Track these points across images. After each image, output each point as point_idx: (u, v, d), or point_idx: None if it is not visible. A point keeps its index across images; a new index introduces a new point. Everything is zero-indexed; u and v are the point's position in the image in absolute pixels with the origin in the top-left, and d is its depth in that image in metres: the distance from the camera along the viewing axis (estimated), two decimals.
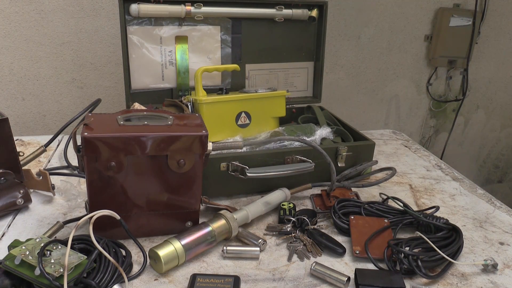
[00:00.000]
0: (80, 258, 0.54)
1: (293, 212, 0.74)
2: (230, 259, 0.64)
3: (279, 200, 0.77)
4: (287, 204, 0.76)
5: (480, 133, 1.96)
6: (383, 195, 0.82)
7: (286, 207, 0.75)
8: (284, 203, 0.76)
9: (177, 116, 0.68)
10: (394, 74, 1.73)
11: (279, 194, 0.78)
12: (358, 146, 0.88)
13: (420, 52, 1.72)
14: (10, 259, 0.52)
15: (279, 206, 0.76)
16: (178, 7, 0.96)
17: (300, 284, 0.60)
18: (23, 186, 0.74)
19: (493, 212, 0.82)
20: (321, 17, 1.05)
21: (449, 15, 1.65)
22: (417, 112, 1.84)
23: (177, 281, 0.59)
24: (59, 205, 0.77)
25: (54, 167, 0.91)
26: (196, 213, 0.68)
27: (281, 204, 0.76)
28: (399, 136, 1.22)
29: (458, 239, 0.66)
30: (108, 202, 0.62)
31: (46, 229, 0.67)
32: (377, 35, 1.64)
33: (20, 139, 1.05)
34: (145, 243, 0.66)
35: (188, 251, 0.61)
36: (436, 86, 1.81)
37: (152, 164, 0.63)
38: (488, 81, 1.86)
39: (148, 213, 0.66)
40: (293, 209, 0.74)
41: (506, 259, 0.68)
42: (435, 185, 0.92)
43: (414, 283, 0.60)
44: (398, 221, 0.71)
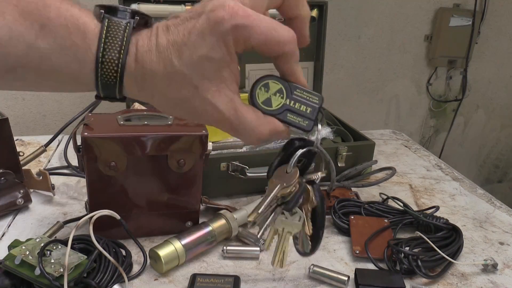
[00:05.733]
0: (80, 258, 0.54)
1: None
2: (230, 259, 0.64)
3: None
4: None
5: (480, 133, 1.96)
6: (383, 195, 0.82)
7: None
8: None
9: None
10: (394, 74, 1.73)
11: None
12: (358, 146, 0.88)
13: (420, 52, 1.72)
14: (10, 259, 0.52)
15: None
16: (178, 7, 0.96)
17: (300, 284, 0.60)
18: (23, 186, 0.74)
19: (493, 212, 0.82)
20: (321, 17, 1.05)
21: (449, 15, 1.65)
22: (417, 112, 1.84)
23: (177, 281, 0.59)
24: (59, 205, 0.77)
25: (54, 167, 0.91)
26: (196, 213, 0.68)
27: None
28: (399, 136, 1.21)
29: (458, 239, 0.66)
30: (108, 202, 0.62)
31: (46, 229, 0.67)
32: (377, 35, 1.64)
33: (20, 139, 1.05)
34: (145, 243, 0.66)
35: (188, 251, 0.61)
36: (436, 86, 1.81)
37: (152, 164, 0.63)
38: (488, 81, 1.86)
39: (148, 213, 0.66)
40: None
41: (506, 259, 0.68)
42: (435, 185, 0.92)
43: (414, 283, 0.60)
44: (398, 221, 0.71)
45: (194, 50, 0.31)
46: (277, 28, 0.32)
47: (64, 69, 0.32)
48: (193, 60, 0.32)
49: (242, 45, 0.32)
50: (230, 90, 0.33)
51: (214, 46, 0.31)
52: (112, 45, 0.32)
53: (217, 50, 0.31)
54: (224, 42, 0.31)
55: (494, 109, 1.93)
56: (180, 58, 0.32)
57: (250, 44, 0.32)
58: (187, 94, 0.33)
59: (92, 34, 0.32)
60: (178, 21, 0.33)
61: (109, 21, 0.32)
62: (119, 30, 0.32)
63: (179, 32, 0.32)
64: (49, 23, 0.31)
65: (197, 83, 0.32)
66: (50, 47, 0.31)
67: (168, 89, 0.33)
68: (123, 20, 0.32)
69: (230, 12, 0.31)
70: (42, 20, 0.31)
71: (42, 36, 0.31)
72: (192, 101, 0.33)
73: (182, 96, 0.33)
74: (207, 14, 0.31)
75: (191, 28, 0.32)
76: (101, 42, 0.31)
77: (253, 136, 0.35)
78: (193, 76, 0.32)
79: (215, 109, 0.33)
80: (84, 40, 0.31)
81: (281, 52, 0.33)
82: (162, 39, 0.32)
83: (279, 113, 0.36)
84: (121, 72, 0.32)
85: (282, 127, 0.36)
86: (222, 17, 0.31)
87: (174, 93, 0.33)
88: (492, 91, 1.89)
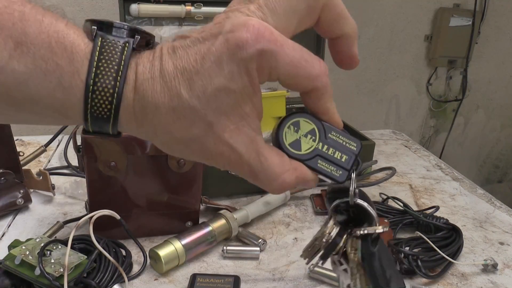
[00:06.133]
0: (80, 258, 0.54)
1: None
2: (230, 259, 0.64)
3: (279, 200, 0.77)
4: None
5: (480, 133, 1.96)
6: (383, 195, 0.82)
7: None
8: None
9: None
10: (394, 74, 1.73)
11: (279, 194, 0.78)
12: None
13: (420, 52, 1.72)
14: (10, 259, 0.52)
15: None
16: (178, 7, 0.96)
17: (300, 284, 0.60)
18: (23, 186, 0.74)
19: (493, 212, 0.82)
20: None
21: (449, 15, 1.65)
22: (417, 112, 1.84)
23: (177, 281, 0.59)
24: (59, 205, 0.77)
25: (54, 167, 0.91)
26: (196, 213, 0.68)
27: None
28: (399, 136, 1.22)
29: (458, 239, 0.66)
30: (108, 202, 0.62)
31: (46, 229, 0.67)
32: (377, 35, 1.64)
33: (20, 139, 1.05)
34: (145, 243, 0.66)
35: (188, 251, 0.61)
36: (436, 86, 1.81)
37: (152, 164, 0.63)
38: (488, 81, 1.86)
39: (148, 213, 0.66)
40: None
41: (506, 259, 0.68)
42: (435, 185, 0.92)
43: (414, 283, 0.60)
44: (398, 221, 0.71)
45: (209, 80, 0.26)
46: (308, 58, 0.27)
47: (44, 98, 0.26)
48: (207, 92, 0.26)
49: (267, 75, 0.27)
50: (251, 128, 0.27)
51: (234, 75, 0.26)
52: (107, 69, 0.26)
53: (238, 80, 0.26)
54: (246, 71, 0.26)
55: (494, 109, 1.93)
56: (191, 89, 0.26)
57: (275, 74, 0.26)
58: (199, 133, 0.27)
59: (82, 55, 0.26)
60: (188, 42, 0.27)
61: (103, 39, 0.26)
62: (115, 51, 0.26)
63: (189, 57, 0.26)
64: (26, 40, 0.25)
65: (211, 120, 0.26)
66: (28, 70, 0.25)
67: (174, 126, 0.27)
68: (120, 39, 0.27)
69: (254, 34, 0.25)
70: (17, 36, 0.25)
71: (17, 56, 0.25)
72: (205, 141, 0.27)
73: (192, 135, 0.27)
74: (226, 35, 0.25)
75: (205, 53, 0.26)
76: (93, 65, 0.26)
77: (275, 184, 0.29)
78: (207, 111, 0.26)
79: (232, 151, 0.27)
80: (71, 63, 0.26)
81: (311, 87, 0.28)
82: (168, 65, 0.26)
83: (308, 159, 0.30)
84: (117, 104, 0.26)
85: (311, 175, 0.30)
86: (245, 40, 0.25)
87: (182, 131, 0.27)
88: (492, 91, 1.89)
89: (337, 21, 0.29)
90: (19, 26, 0.25)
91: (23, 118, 0.29)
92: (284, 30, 0.27)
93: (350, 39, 0.30)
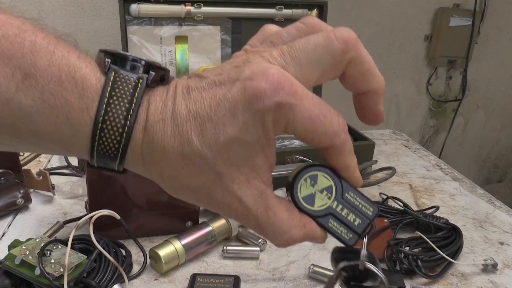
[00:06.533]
0: (80, 258, 0.54)
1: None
2: (230, 259, 0.64)
3: None
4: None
5: (480, 133, 1.96)
6: (383, 195, 0.82)
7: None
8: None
9: None
10: (394, 74, 1.73)
11: (279, 194, 0.78)
12: (358, 146, 0.88)
13: (420, 52, 1.72)
14: (10, 259, 0.52)
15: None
16: (178, 7, 0.96)
17: (300, 284, 0.60)
18: (23, 186, 0.74)
19: (493, 212, 0.82)
20: (321, 17, 1.05)
21: (449, 15, 1.65)
22: (417, 112, 1.84)
23: (177, 281, 0.59)
24: (59, 205, 0.77)
25: (54, 167, 0.91)
26: (196, 213, 0.68)
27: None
28: (399, 136, 1.22)
29: (458, 239, 0.66)
30: (108, 202, 0.62)
31: (46, 229, 0.67)
32: (377, 35, 1.64)
33: None
34: (145, 243, 0.66)
35: (188, 251, 0.61)
36: (436, 86, 1.81)
37: None
38: (488, 81, 1.86)
39: (148, 213, 0.66)
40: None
41: (506, 259, 0.68)
42: (435, 185, 0.92)
43: (414, 283, 0.60)
44: (398, 221, 0.71)
45: (222, 129, 0.24)
46: (327, 113, 0.25)
47: (50, 133, 0.25)
48: (220, 141, 0.24)
49: (282, 128, 0.25)
50: (262, 181, 0.26)
51: (249, 126, 0.24)
52: (118, 107, 0.25)
53: (252, 131, 0.24)
54: (262, 122, 0.24)
55: (494, 109, 1.93)
56: (203, 136, 0.25)
57: (291, 128, 0.25)
58: (207, 182, 0.26)
59: (93, 90, 0.25)
60: (204, 84, 0.25)
61: (116, 74, 0.25)
62: (127, 88, 0.25)
63: (204, 101, 0.25)
64: (36, 73, 0.24)
65: (221, 170, 0.25)
66: (35, 104, 0.24)
67: (182, 172, 0.26)
68: (133, 74, 0.25)
69: (274, 85, 0.24)
70: (27, 68, 0.24)
71: (25, 89, 0.24)
72: (212, 191, 0.26)
73: (199, 184, 0.26)
74: (244, 82, 0.24)
75: (221, 99, 0.24)
76: (103, 102, 0.25)
77: (281, 239, 0.28)
78: (217, 161, 0.25)
79: (240, 204, 0.26)
80: (81, 98, 0.25)
81: (328, 144, 0.26)
82: (181, 107, 0.25)
83: (320, 216, 0.29)
84: (125, 144, 0.25)
85: (320, 233, 0.29)
86: (264, 90, 0.24)
87: (190, 178, 0.26)
88: (492, 91, 1.89)
89: (364, 76, 0.27)
90: (29, 57, 0.24)
91: (25, 149, 0.29)
92: (305, 81, 0.25)
93: (376, 96, 0.28)
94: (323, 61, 0.26)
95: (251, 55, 0.26)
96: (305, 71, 0.26)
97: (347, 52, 0.25)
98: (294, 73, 0.25)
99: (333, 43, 0.25)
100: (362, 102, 0.29)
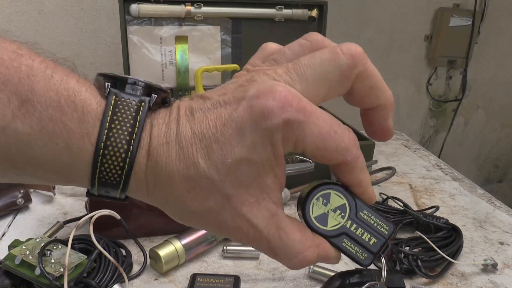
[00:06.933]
0: (80, 258, 0.54)
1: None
2: (230, 259, 0.64)
3: None
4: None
5: (480, 133, 1.96)
6: (383, 195, 0.82)
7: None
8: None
9: None
10: (394, 74, 1.73)
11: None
12: None
13: (420, 52, 1.72)
14: (10, 259, 0.52)
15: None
16: (178, 7, 0.96)
17: (300, 284, 0.60)
18: (23, 186, 0.74)
19: (493, 212, 0.82)
20: (321, 17, 1.05)
21: (449, 15, 1.65)
22: (417, 112, 1.84)
23: (177, 281, 0.59)
24: (59, 205, 0.77)
25: None
26: None
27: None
28: (399, 136, 1.22)
29: (458, 239, 0.66)
30: (108, 202, 0.62)
31: (46, 229, 0.67)
32: (377, 35, 1.64)
33: None
34: (145, 243, 0.66)
35: (189, 251, 0.61)
36: (436, 86, 1.81)
37: None
38: (488, 81, 1.86)
39: (148, 213, 0.66)
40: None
41: (506, 259, 0.68)
42: (435, 185, 0.92)
43: (414, 283, 0.60)
44: (398, 221, 0.71)
45: (230, 150, 0.24)
46: (337, 129, 0.24)
47: (49, 161, 0.24)
48: (227, 162, 0.24)
49: (292, 146, 0.24)
50: (272, 201, 0.25)
51: (257, 146, 0.23)
52: (120, 132, 0.24)
53: (261, 151, 0.24)
54: (270, 142, 0.23)
55: (494, 109, 1.93)
56: (209, 159, 0.24)
57: (301, 146, 0.24)
58: (215, 206, 0.25)
59: (93, 115, 0.24)
60: (208, 105, 0.25)
61: (116, 98, 0.24)
62: (129, 111, 0.24)
63: (209, 122, 0.24)
64: (33, 98, 0.23)
65: (230, 192, 0.24)
66: (32, 131, 0.23)
67: (188, 196, 0.25)
68: (135, 97, 0.25)
69: (281, 102, 0.23)
70: (23, 94, 0.23)
71: (21, 116, 0.23)
72: (221, 215, 0.25)
73: (207, 208, 0.25)
74: (250, 101, 0.23)
75: (226, 119, 0.24)
76: (105, 127, 0.24)
77: (295, 261, 0.26)
78: (226, 183, 0.24)
79: (251, 226, 0.25)
80: (82, 124, 0.24)
81: (340, 160, 0.25)
82: (185, 129, 0.24)
83: (333, 236, 0.28)
84: (128, 170, 0.24)
85: (334, 253, 0.28)
86: (271, 108, 0.23)
87: (197, 202, 0.25)
88: (492, 91, 1.89)
89: (372, 91, 0.26)
90: (26, 82, 0.23)
91: (22, 179, 0.27)
92: (313, 98, 0.25)
93: (385, 111, 0.27)
94: (330, 76, 0.25)
95: (255, 73, 0.25)
96: (312, 87, 0.25)
97: (355, 66, 0.25)
98: (300, 90, 0.24)
99: (340, 58, 0.25)
100: (371, 118, 0.28)
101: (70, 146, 0.24)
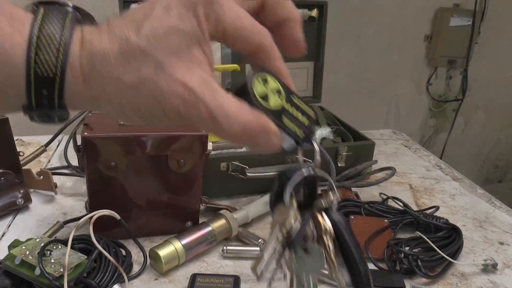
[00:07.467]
0: (80, 258, 0.54)
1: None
2: (230, 259, 0.64)
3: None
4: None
5: (480, 133, 1.97)
6: (383, 195, 0.82)
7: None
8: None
9: None
10: (394, 74, 1.73)
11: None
12: (358, 146, 0.88)
13: (420, 52, 1.72)
14: (10, 259, 0.52)
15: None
16: None
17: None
18: (23, 186, 0.74)
19: (493, 212, 0.82)
20: (321, 17, 1.05)
21: (449, 15, 1.65)
22: (417, 112, 1.84)
23: (177, 281, 0.59)
24: (59, 205, 0.77)
25: (54, 167, 0.91)
26: (196, 213, 0.68)
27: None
28: (399, 136, 1.22)
29: (458, 239, 0.66)
30: (108, 202, 0.62)
31: (46, 229, 0.67)
32: (377, 35, 1.64)
33: (20, 139, 1.05)
34: (145, 243, 0.66)
35: (189, 251, 0.61)
36: (436, 86, 1.81)
37: (152, 164, 0.63)
38: (488, 81, 1.86)
39: (148, 213, 0.66)
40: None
41: (506, 259, 0.68)
42: (435, 185, 0.92)
43: (414, 283, 0.60)
44: (398, 221, 0.71)
45: (159, 22, 0.26)
46: (249, 17, 0.28)
47: None
48: (157, 32, 0.26)
49: (213, 24, 0.27)
50: (203, 71, 0.27)
51: (183, 16, 0.26)
52: (52, 21, 0.25)
53: (187, 21, 0.26)
54: (195, 13, 0.26)
55: (494, 109, 1.93)
56: (141, 33, 0.26)
57: (222, 26, 0.27)
58: (150, 74, 0.26)
59: (23, 17, 0.25)
60: (134, 8, 0.27)
61: (46, 6, 0.26)
62: (59, 15, 0.26)
63: (137, 12, 0.27)
64: None
65: (162, 59, 0.26)
66: None
67: (123, 70, 0.26)
68: (63, 8, 0.27)
69: None
70: None
71: None
72: (156, 82, 0.26)
73: (142, 78, 0.26)
74: None
75: (153, 4, 0.26)
76: (37, 19, 0.25)
77: (234, 122, 0.27)
78: (157, 51, 0.26)
79: (186, 88, 0.26)
80: (12, 23, 0.24)
81: (257, 42, 0.28)
82: (115, 20, 0.27)
83: (275, 114, 0.29)
84: (64, 55, 0.25)
85: (274, 127, 0.29)
86: None
87: (131, 75, 0.26)
88: (492, 91, 1.89)
89: (279, 5, 0.30)
90: None
91: None
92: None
93: (292, 23, 0.31)
94: None
95: None
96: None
97: None
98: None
99: None
100: (283, 32, 0.31)
101: (3, 45, 0.24)
